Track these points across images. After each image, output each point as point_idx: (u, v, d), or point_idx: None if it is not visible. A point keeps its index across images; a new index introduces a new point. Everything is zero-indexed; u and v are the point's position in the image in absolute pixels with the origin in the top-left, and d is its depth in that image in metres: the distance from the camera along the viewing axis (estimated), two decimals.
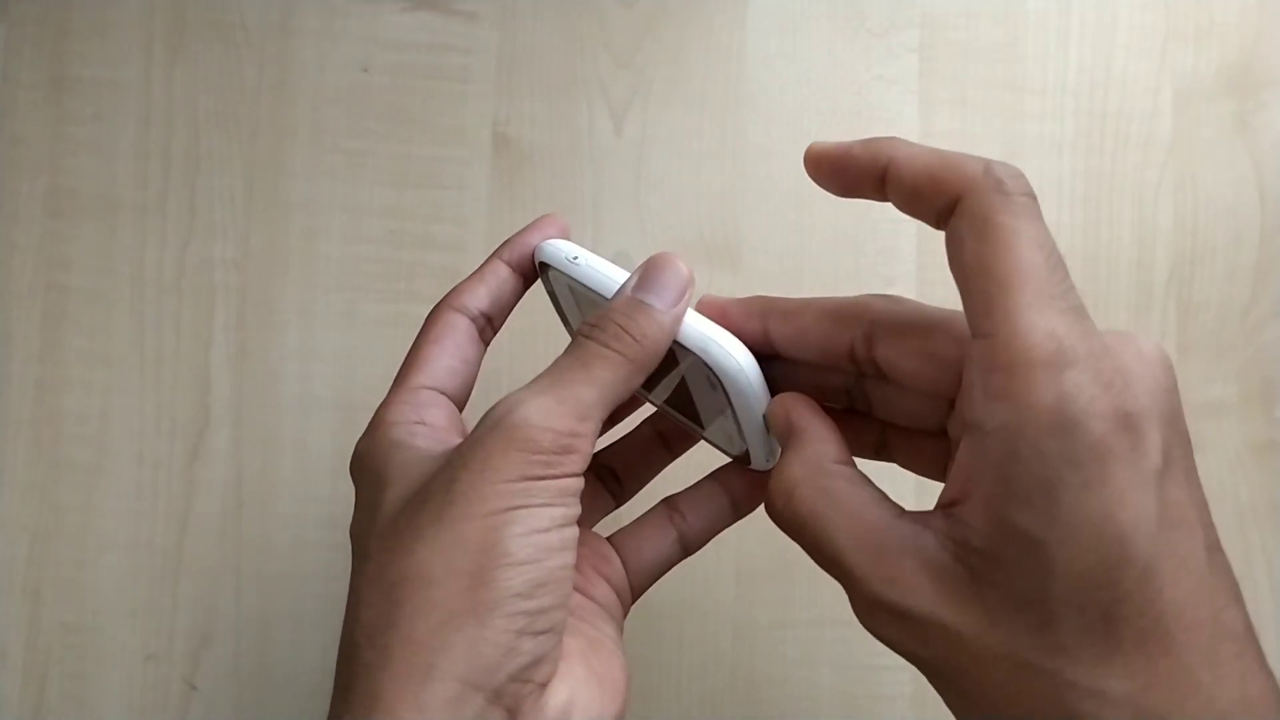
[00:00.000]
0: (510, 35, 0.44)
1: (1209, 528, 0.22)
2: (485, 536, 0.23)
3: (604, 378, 0.25)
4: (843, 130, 0.44)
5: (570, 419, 0.24)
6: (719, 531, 0.31)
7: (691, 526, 0.30)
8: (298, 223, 0.44)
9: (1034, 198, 0.24)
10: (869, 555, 0.24)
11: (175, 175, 0.43)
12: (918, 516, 0.24)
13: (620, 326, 0.26)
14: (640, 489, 0.32)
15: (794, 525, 0.25)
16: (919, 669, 0.24)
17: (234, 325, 0.43)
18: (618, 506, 0.32)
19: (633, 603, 0.30)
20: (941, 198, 0.25)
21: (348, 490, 0.42)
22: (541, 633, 0.23)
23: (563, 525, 0.24)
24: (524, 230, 0.30)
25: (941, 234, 0.26)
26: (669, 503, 0.31)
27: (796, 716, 0.42)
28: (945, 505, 0.23)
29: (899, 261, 0.44)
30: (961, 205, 0.24)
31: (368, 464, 0.27)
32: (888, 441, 0.29)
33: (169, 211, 0.43)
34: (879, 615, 0.23)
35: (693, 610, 0.42)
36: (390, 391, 0.28)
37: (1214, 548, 0.22)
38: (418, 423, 0.27)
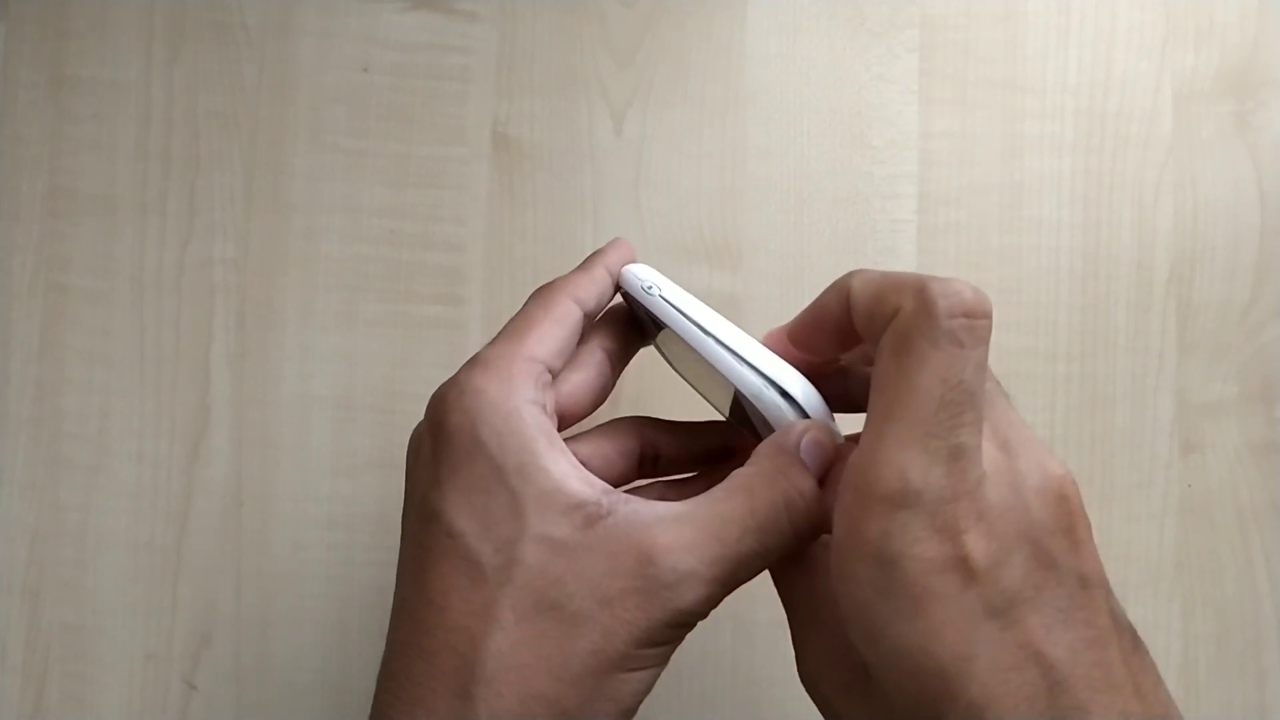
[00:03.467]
0: (510, 35, 0.44)
1: (1094, 664, 0.21)
2: (622, 691, 0.24)
3: (771, 544, 0.25)
4: (843, 130, 0.44)
5: (726, 589, 0.25)
6: (689, 469, 0.32)
7: (662, 452, 0.31)
8: (298, 222, 0.44)
9: (974, 319, 0.22)
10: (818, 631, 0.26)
11: (175, 175, 0.43)
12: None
13: (802, 490, 0.26)
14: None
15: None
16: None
17: (234, 325, 0.43)
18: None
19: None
20: (883, 318, 0.24)
21: (348, 490, 0.43)
22: None
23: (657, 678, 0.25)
24: (608, 250, 0.31)
25: (941, 233, 0.26)
26: (638, 419, 0.32)
27: (796, 716, 0.42)
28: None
29: (899, 261, 0.44)
30: (892, 323, 0.24)
31: (490, 443, 0.25)
32: None
33: (169, 211, 0.43)
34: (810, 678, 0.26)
35: None
36: (501, 344, 0.27)
37: (1096, 684, 0.21)
38: (544, 408, 0.26)
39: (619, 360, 0.31)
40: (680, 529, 0.24)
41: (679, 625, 0.25)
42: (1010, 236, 0.44)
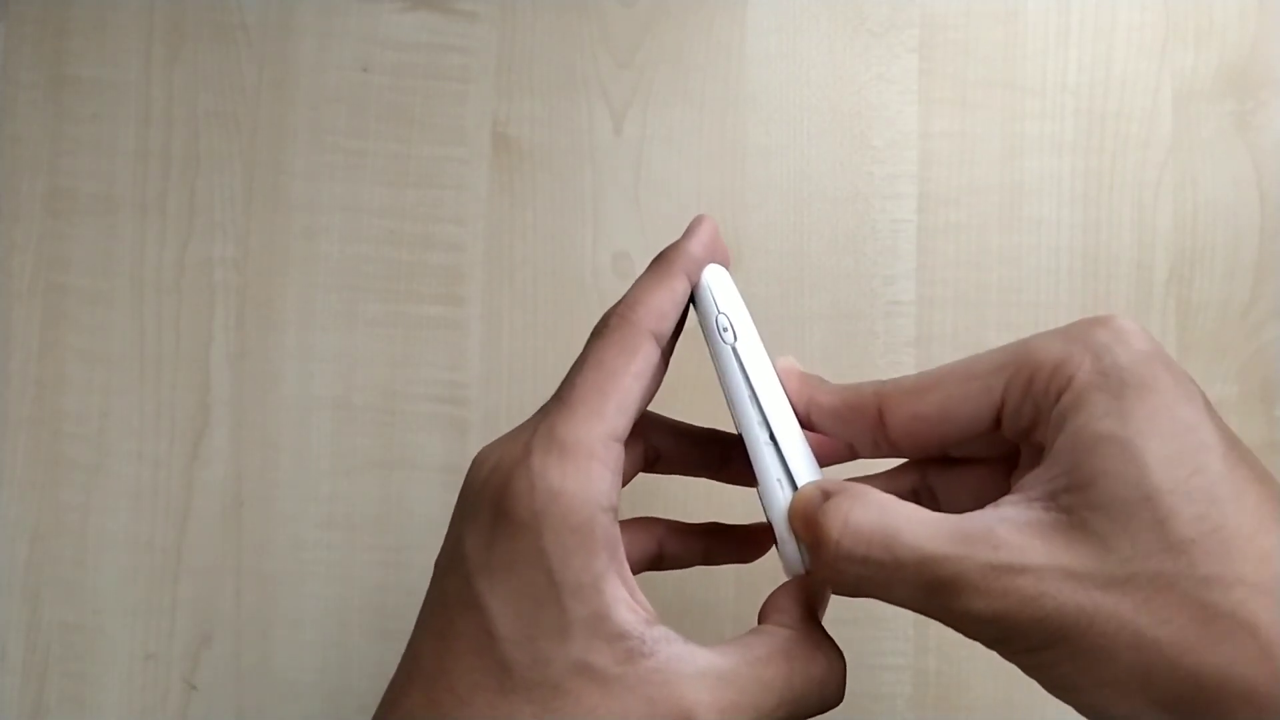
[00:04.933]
0: (510, 35, 0.44)
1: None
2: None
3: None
4: (843, 130, 0.44)
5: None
6: (690, 566, 0.32)
7: (667, 552, 0.31)
8: (298, 222, 0.44)
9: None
10: (958, 539, 0.22)
11: (175, 175, 0.43)
12: (978, 511, 0.23)
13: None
14: (676, 568, 0.33)
15: (859, 547, 0.23)
16: (1046, 653, 0.22)
17: (234, 325, 0.43)
18: (654, 569, 0.32)
19: None
20: (867, 422, 0.27)
21: (348, 490, 0.43)
22: None
23: None
24: (698, 240, 0.29)
25: (941, 233, 0.28)
26: (658, 522, 0.31)
27: None
28: (1015, 489, 0.24)
29: (899, 261, 0.44)
30: (891, 416, 0.27)
31: (550, 551, 0.23)
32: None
33: (169, 211, 0.43)
34: (996, 587, 0.22)
35: (693, 610, 0.42)
36: (579, 417, 0.24)
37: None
38: (614, 512, 0.24)
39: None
40: (721, 691, 0.24)
41: None
42: (1010, 236, 0.44)
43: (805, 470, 0.27)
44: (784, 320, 0.44)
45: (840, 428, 0.27)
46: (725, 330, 0.28)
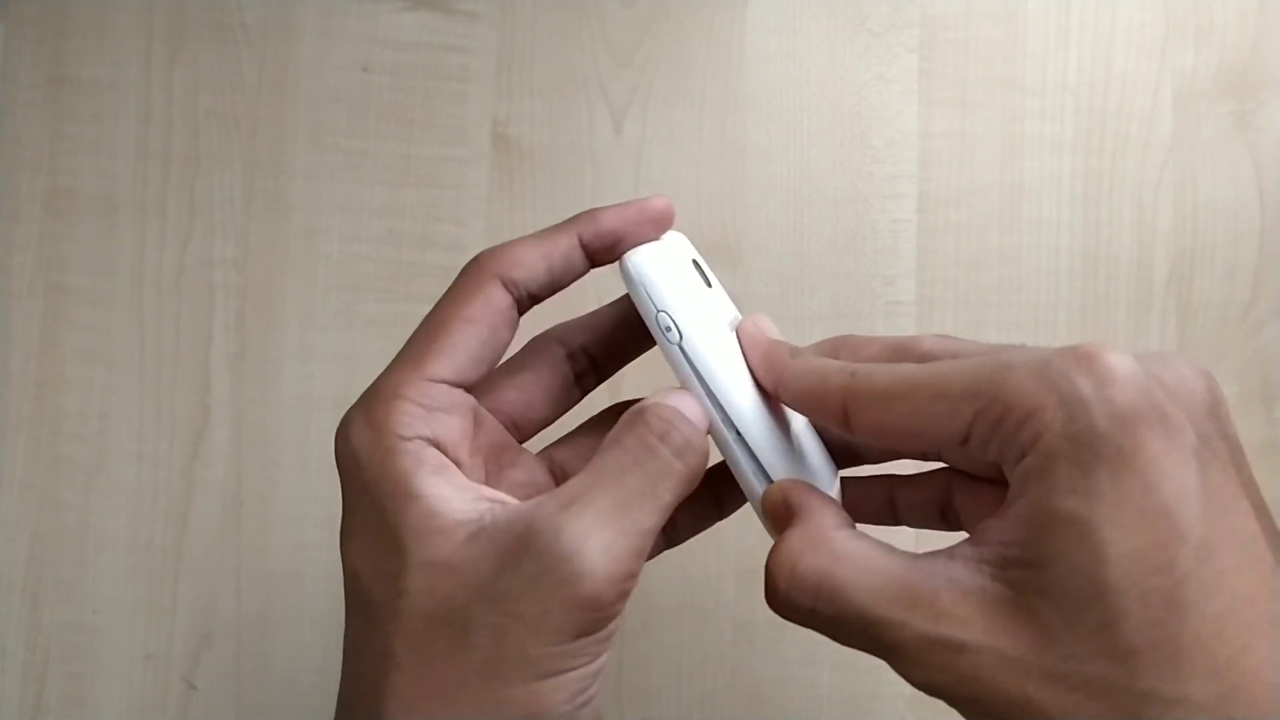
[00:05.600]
0: (510, 35, 0.44)
1: (1271, 527, 0.20)
2: (531, 701, 0.21)
3: (669, 501, 0.23)
4: (843, 130, 0.44)
5: (635, 559, 0.22)
6: (703, 529, 0.30)
7: (681, 527, 0.29)
8: (297, 222, 0.44)
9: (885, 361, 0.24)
10: (900, 599, 0.21)
11: (175, 175, 0.43)
12: (938, 552, 0.22)
13: (689, 439, 0.24)
14: (690, 537, 0.30)
15: (805, 599, 0.23)
16: None
17: (234, 325, 0.43)
18: (668, 548, 0.30)
19: None
20: (834, 412, 0.25)
21: None
22: None
23: (601, 673, 0.22)
24: (616, 210, 0.27)
25: (941, 233, 0.26)
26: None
27: (796, 716, 0.42)
28: (970, 537, 0.22)
29: (899, 261, 0.44)
30: (852, 408, 0.24)
31: (369, 488, 0.24)
32: (953, 499, 0.28)
33: (169, 211, 0.43)
34: (930, 661, 0.21)
35: (693, 610, 0.42)
36: (395, 369, 0.25)
37: (1276, 538, 0.20)
38: (429, 440, 0.24)
39: (599, 360, 0.28)
40: (562, 503, 0.22)
41: (576, 604, 0.21)
42: (1010, 236, 0.44)
43: (777, 461, 0.26)
44: (784, 320, 0.43)
45: (807, 412, 0.26)
46: (668, 330, 0.26)
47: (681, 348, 0.26)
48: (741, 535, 0.38)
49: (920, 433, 0.23)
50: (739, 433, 0.26)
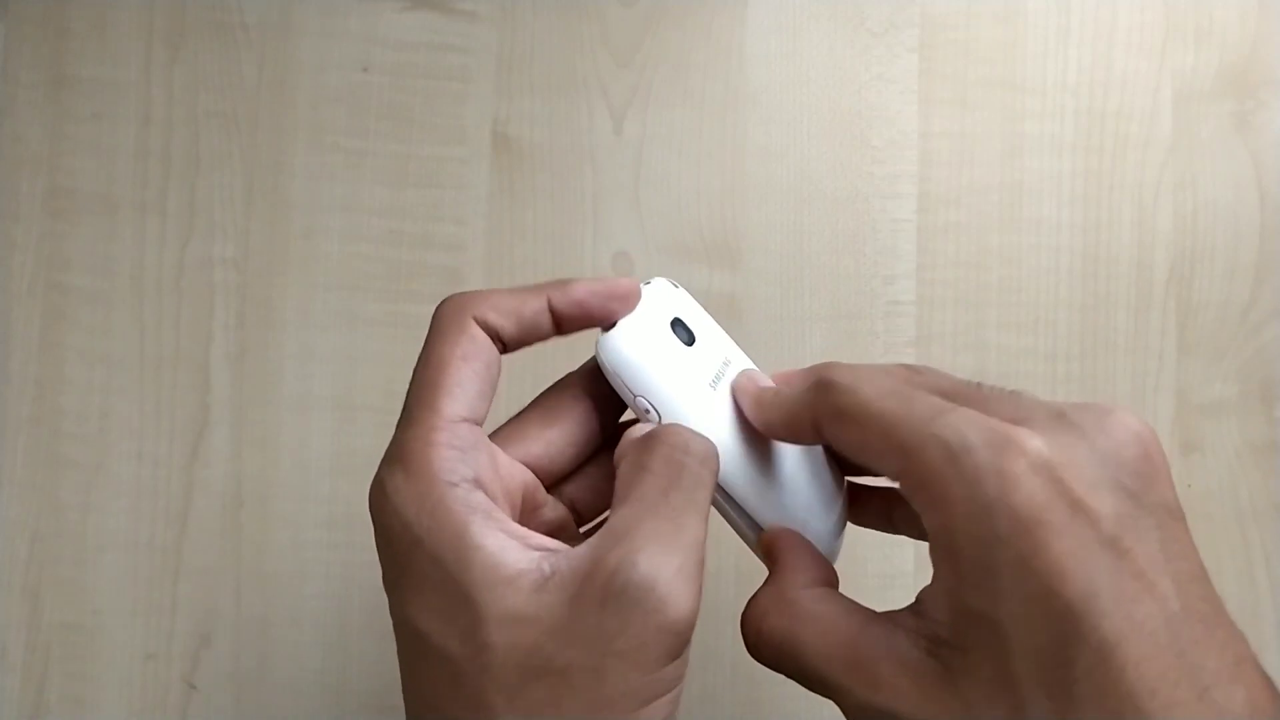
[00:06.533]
0: (510, 35, 0.44)
1: (1200, 600, 0.21)
2: None
3: (708, 508, 0.25)
4: (843, 130, 0.44)
5: (701, 572, 0.23)
6: None
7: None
8: (297, 222, 0.44)
9: (867, 373, 0.25)
10: (847, 666, 0.24)
11: (175, 175, 0.43)
12: (889, 617, 0.24)
13: (701, 450, 0.25)
14: None
15: (769, 653, 0.25)
16: None
17: (234, 324, 0.43)
18: None
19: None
20: (808, 427, 0.26)
21: (347, 490, 0.43)
22: None
23: (682, 686, 0.24)
24: (587, 284, 0.27)
25: (941, 233, 0.26)
26: None
27: (796, 715, 0.42)
28: (914, 605, 0.24)
29: (899, 261, 0.44)
30: (819, 423, 0.25)
31: (425, 543, 0.23)
32: None
33: (169, 211, 0.43)
34: None
35: None
36: (417, 416, 0.25)
37: (1210, 619, 0.21)
38: (473, 482, 0.24)
39: (607, 412, 0.29)
40: (622, 537, 0.23)
41: (669, 631, 0.23)
42: (1010, 236, 0.44)
43: (765, 510, 0.28)
44: (784, 320, 0.44)
45: (795, 441, 0.28)
46: (647, 412, 0.27)
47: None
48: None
49: (869, 459, 0.24)
50: (726, 492, 0.27)
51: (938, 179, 0.44)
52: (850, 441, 0.25)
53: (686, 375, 0.27)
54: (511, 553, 0.23)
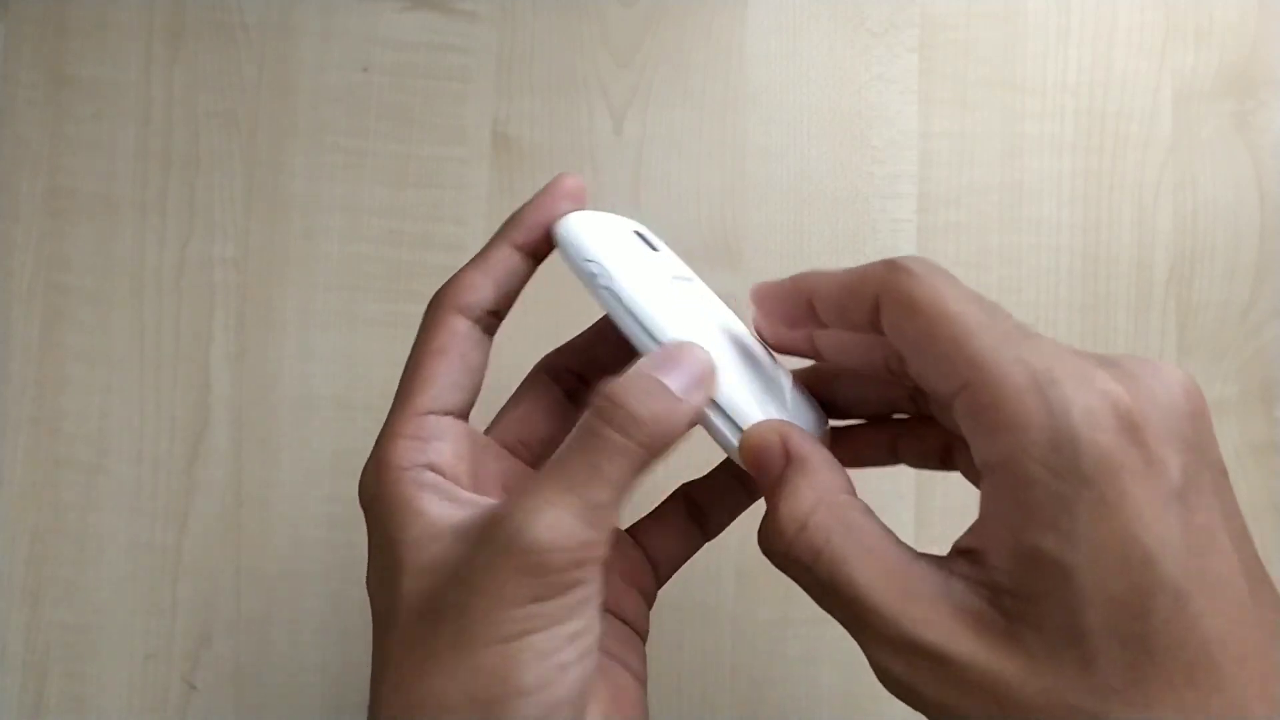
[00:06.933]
0: (510, 35, 0.44)
1: (1251, 559, 0.21)
2: (499, 665, 0.23)
3: (616, 474, 0.24)
4: (843, 130, 0.44)
5: (582, 530, 0.23)
6: (736, 516, 0.30)
7: (710, 516, 0.30)
8: (297, 222, 0.44)
9: (943, 271, 0.23)
10: (898, 594, 0.22)
11: (175, 175, 0.43)
12: (935, 561, 0.23)
13: (633, 412, 0.24)
14: (728, 524, 0.31)
15: (805, 558, 0.23)
16: None
17: (234, 325, 0.43)
18: (706, 540, 0.31)
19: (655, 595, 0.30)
20: (863, 305, 0.24)
21: (348, 490, 0.42)
22: None
23: (577, 636, 0.23)
24: (534, 203, 0.27)
25: (941, 233, 0.26)
26: (685, 494, 0.31)
27: (797, 715, 0.42)
28: (963, 551, 0.22)
29: None
30: (882, 302, 0.23)
31: (379, 519, 0.25)
32: (952, 450, 0.28)
33: (169, 211, 0.43)
34: (909, 661, 0.22)
35: (693, 609, 0.42)
36: (392, 414, 0.27)
37: (1259, 580, 0.21)
38: (426, 466, 0.26)
39: (587, 376, 0.31)
40: (519, 492, 0.24)
41: (524, 568, 0.23)
42: (1010, 236, 0.44)
43: (749, 408, 0.25)
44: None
45: (830, 322, 0.26)
46: (606, 289, 0.25)
47: (612, 290, 0.25)
48: (741, 535, 0.37)
49: (923, 365, 0.23)
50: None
51: (938, 179, 0.44)
52: (912, 337, 0.23)
53: (648, 264, 0.27)
54: (450, 512, 0.25)
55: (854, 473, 0.26)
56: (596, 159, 0.44)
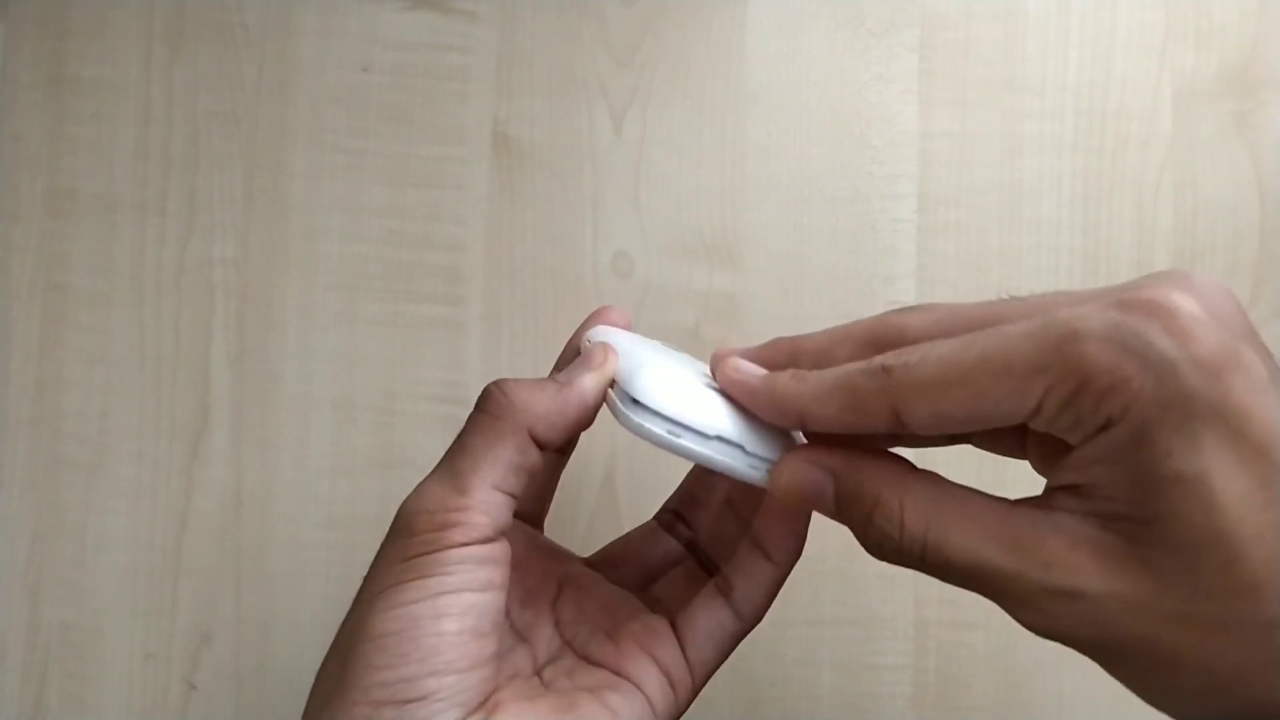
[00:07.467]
0: (510, 35, 0.44)
1: None
2: (362, 615, 0.25)
3: (476, 444, 0.26)
4: (843, 130, 0.44)
5: (446, 495, 0.25)
6: (769, 589, 0.29)
7: (738, 590, 0.29)
8: (297, 222, 0.44)
9: (925, 316, 0.24)
10: (1008, 547, 0.22)
11: (175, 175, 0.43)
12: (1031, 503, 0.22)
13: (488, 390, 0.27)
14: (758, 602, 0.30)
15: (914, 548, 0.23)
16: (1107, 664, 0.22)
17: (233, 325, 0.43)
18: (742, 626, 0.30)
19: (698, 687, 0.29)
20: (878, 420, 0.24)
21: (347, 490, 0.43)
22: (409, 701, 0.23)
23: (441, 593, 0.24)
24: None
25: (941, 233, 0.26)
26: (690, 544, 0.32)
27: (796, 716, 0.42)
28: (1063, 488, 0.22)
29: (899, 261, 0.44)
30: (902, 414, 0.23)
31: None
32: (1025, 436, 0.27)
33: (168, 211, 0.43)
34: (1047, 609, 0.22)
35: None
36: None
37: None
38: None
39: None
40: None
41: (405, 534, 0.25)
42: (1010, 236, 0.44)
43: (770, 450, 0.26)
44: (784, 320, 0.44)
45: (849, 428, 0.24)
46: (644, 422, 0.26)
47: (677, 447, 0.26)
48: None
49: (983, 416, 0.22)
50: (724, 439, 0.26)
51: (938, 179, 0.44)
52: (950, 413, 0.22)
53: (693, 384, 0.27)
54: None
55: None
56: (596, 159, 0.44)
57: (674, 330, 0.43)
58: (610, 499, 0.43)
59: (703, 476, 0.34)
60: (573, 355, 0.30)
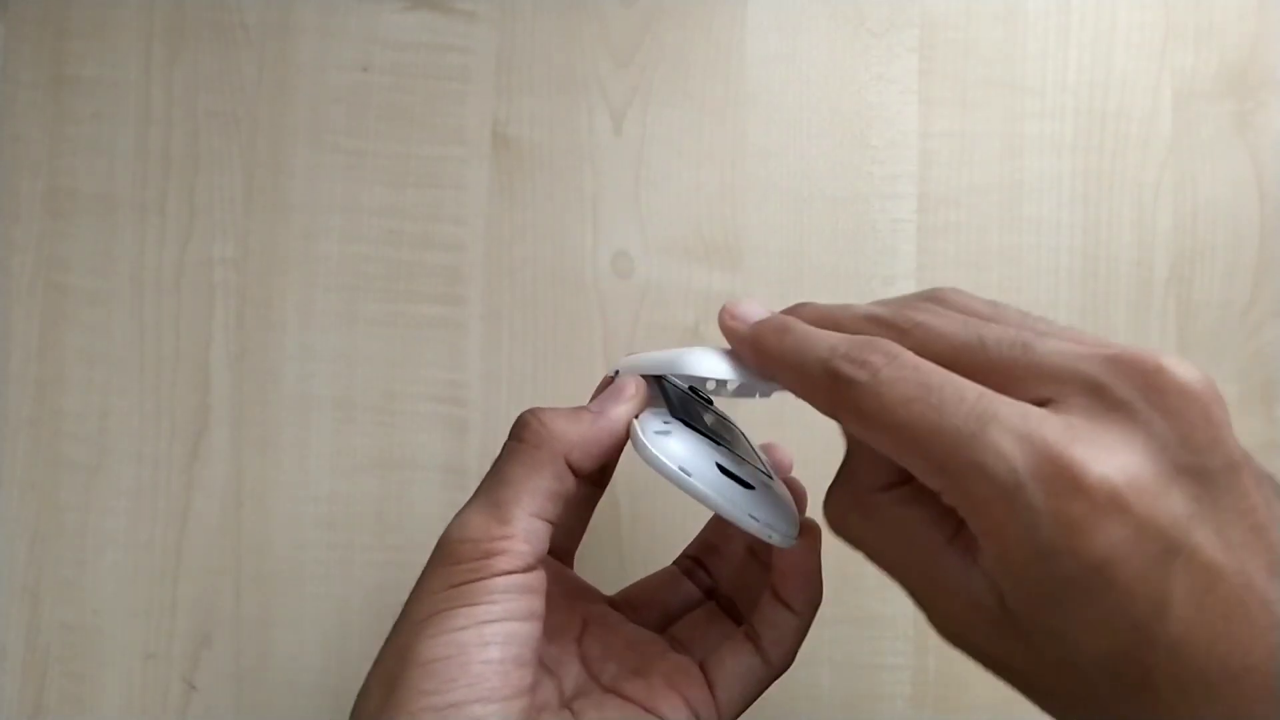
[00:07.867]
0: (510, 35, 0.44)
1: (1272, 549, 0.21)
2: (406, 642, 0.25)
3: (515, 474, 0.27)
4: (843, 130, 0.44)
5: (488, 525, 0.26)
6: (795, 637, 0.30)
7: (764, 637, 0.30)
8: (297, 222, 0.44)
9: (882, 351, 0.24)
10: (924, 585, 0.24)
11: (175, 175, 0.43)
12: (965, 545, 0.23)
13: (524, 420, 0.28)
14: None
15: (856, 547, 0.26)
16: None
17: (233, 325, 0.43)
18: (762, 660, 0.31)
19: None
20: (824, 409, 0.26)
21: (347, 490, 0.43)
22: None
23: (486, 622, 0.25)
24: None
25: (941, 233, 0.26)
26: (711, 591, 0.34)
27: (796, 716, 0.42)
28: (984, 556, 0.23)
29: (899, 261, 0.44)
30: (839, 420, 0.25)
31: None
32: None
33: (168, 211, 0.43)
34: (947, 636, 0.25)
35: None
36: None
37: (1253, 586, 0.21)
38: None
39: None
40: None
41: (447, 562, 0.26)
42: (1010, 236, 0.44)
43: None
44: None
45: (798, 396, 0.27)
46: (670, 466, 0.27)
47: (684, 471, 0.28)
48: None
49: (907, 465, 0.24)
50: (754, 516, 0.28)
51: (938, 179, 0.44)
52: (878, 446, 0.24)
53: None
54: None
55: None
56: (596, 159, 0.44)
57: (674, 330, 0.43)
58: (633, 538, 0.43)
59: (720, 526, 0.35)
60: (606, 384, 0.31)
